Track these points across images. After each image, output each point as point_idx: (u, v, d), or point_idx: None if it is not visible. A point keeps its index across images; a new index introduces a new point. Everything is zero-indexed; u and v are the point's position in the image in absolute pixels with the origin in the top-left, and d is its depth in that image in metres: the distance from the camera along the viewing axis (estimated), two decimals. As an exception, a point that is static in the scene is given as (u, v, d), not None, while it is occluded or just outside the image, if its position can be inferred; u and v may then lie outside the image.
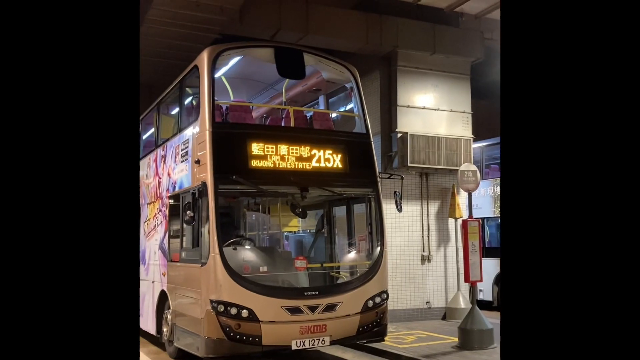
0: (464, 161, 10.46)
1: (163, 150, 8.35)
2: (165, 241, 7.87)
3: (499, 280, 12.19)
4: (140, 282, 9.21)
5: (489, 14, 8.66)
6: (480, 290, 12.14)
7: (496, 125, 14.60)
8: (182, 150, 7.40)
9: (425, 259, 10.85)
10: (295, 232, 8.07)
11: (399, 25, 10.42)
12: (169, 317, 7.53)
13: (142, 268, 9.21)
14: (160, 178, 8.40)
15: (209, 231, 6.33)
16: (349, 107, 9.41)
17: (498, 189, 12.75)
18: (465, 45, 10.99)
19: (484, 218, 12.74)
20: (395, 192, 7.49)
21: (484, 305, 11.30)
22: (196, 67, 7.15)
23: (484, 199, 12.81)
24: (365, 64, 10.49)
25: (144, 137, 10.28)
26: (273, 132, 7.20)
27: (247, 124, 7.32)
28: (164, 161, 8.23)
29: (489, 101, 13.63)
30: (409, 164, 10.27)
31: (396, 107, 10.59)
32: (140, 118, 10.31)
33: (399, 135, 10.41)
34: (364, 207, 7.62)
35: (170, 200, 7.74)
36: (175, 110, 8.39)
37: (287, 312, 6.36)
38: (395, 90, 10.60)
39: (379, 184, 7.39)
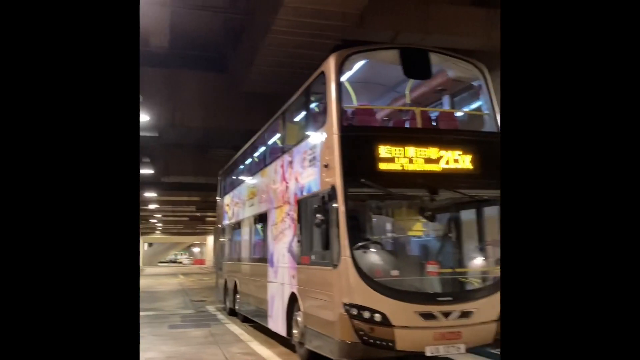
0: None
1: (290, 156, 8.57)
2: (294, 244, 8.06)
3: None
4: (269, 284, 9.53)
5: None
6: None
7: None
8: (309, 155, 7.54)
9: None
10: (420, 235, 7.91)
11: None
12: (300, 319, 7.68)
13: (270, 270, 9.53)
14: (287, 183, 8.63)
15: (339, 234, 6.37)
16: (473, 106, 9.09)
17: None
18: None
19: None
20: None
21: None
22: (323, 73, 7.26)
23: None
24: (486, 61, 10.06)
25: (269, 143, 10.65)
26: (400, 134, 7.12)
27: (374, 126, 7.31)
28: (291, 166, 8.45)
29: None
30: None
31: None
32: (266, 127, 10.71)
33: (528, 133, 9.86)
34: (493, 210, 7.29)
35: (298, 204, 7.92)
36: (302, 117, 8.58)
37: (420, 318, 6.23)
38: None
39: (513, 185, 7.02)
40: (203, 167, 23.54)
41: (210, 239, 68.26)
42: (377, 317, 6.16)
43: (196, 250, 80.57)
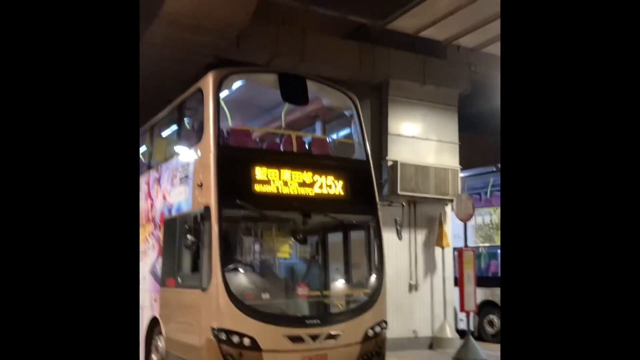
0: (452, 190, 10.59)
1: (157, 172, 8.18)
2: (158, 266, 7.65)
3: (480, 310, 12.23)
4: (126, 308, 8.91)
5: (485, 48, 8.91)
6: (461, 320, 12.18)
7: (477, 157, 14.73)
8: (180, 173, 7.26)
9: (412, 288, 10.85)
10: (291, 258, 7.98)
11: (391, 55, 10.63)
12: (161, 344, 7.27)
13: (128, 293, 8.92)
14: (152, 201, 8.20)
15: (211, 256, 6.18)
16: (342, 133, 9.46)
17: (479, 219, 12.87)
18: (453, 78, 11.25)
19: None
20: (395, 219, 7.51)
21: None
22: (200, 90, 7.07)
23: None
24: (357, 92, 10.57)
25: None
26: (277, 157, 7.15)
27: (252, 148, 7.27)
28: (158, 183, 8.05)
29: (471, 133, 13.92)
30: (399, 192, 10.33)
31: (387, 135, 10.70)
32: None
33: (390, 163, 10.49)
34: (360, 234, 7.60)
35: (165, 224, 7.55)
36: (173, 133, 8.26)
37: (289, 341, 6.22)
38: (386, 119, 10.73)
39: (379, 212, 7.39)
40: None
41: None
42: (246, 341, 6.05)
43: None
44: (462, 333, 10.39)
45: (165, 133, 8.68)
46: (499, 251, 11.86)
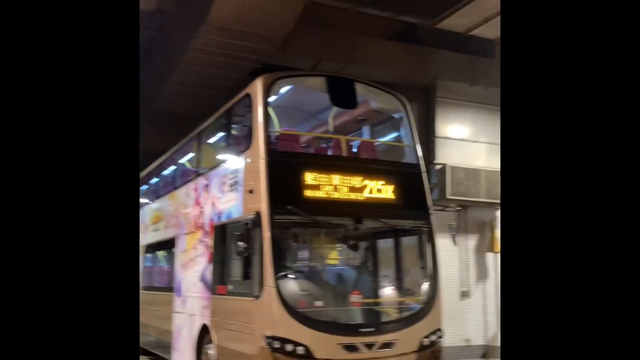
0: (503, 194, 10.25)
1: (206, 179, 8.18)
2: (208, 273, 7.62)
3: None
4: (176, 314, 8.94)
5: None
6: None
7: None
8: (230, 179, 7.22)
9: (464, 295, 10.53)
10: (343, 265, 7.84)
11: (439, 56, 10.38)
12: (212, 352, 7.23)
13: (177, 300, 8.95)
14: (202, 208, 8.20)
15: (263, 263, 6.10)
16: (390, 136, 9.27)
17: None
18: (503, 77, 10.90)
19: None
20: (450, 225, 7.28)
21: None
22: (248, 95, 7.03)
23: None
24: (403, 94, 10.40)
25: (180, 165, 10.14)
26: (326, 162, 7.04)
27: (301, 153, 7.18)
28: (207, 190, 8.05)
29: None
30: (448, 197, 10.06)
31: (434, 138, 10.46)
32: (177, 148, 10.19)
33: (438, 167, 10.24)
34: (411, 239, 7.40)
35: (215, 231, 7.52)
36: (221, 139, 8.25)
37: (343, 350, 6.08)
38: (434, 121, 10.49)
39: (433, 217, 7.18)
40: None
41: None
42: (300, 349, 5.93)
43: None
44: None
45: (213, 140, 8.68)
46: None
